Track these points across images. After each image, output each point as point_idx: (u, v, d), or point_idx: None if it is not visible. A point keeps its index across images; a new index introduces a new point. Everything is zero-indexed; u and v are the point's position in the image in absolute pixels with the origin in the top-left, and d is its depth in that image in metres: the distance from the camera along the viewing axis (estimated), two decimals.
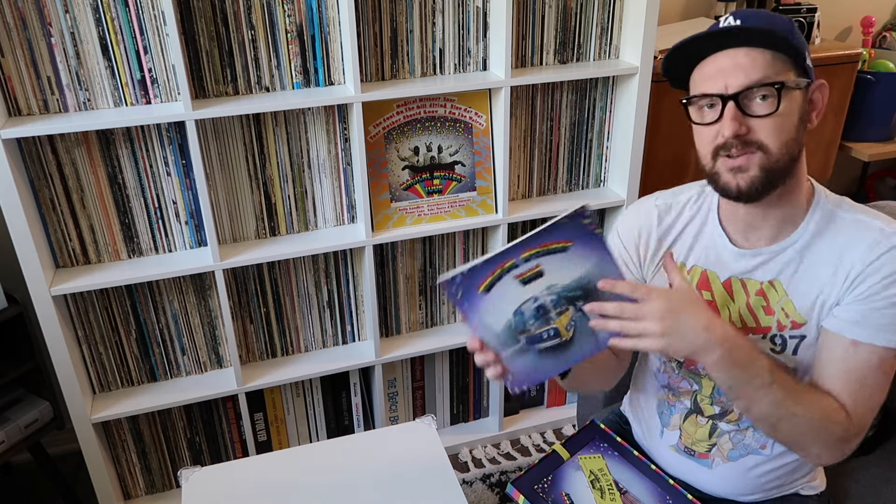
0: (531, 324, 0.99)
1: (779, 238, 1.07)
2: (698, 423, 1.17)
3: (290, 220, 1.78)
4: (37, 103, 1.51)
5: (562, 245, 0.96)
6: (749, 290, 1.09)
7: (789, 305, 1.06)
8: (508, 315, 0.98)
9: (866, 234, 1.01)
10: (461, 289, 0.96)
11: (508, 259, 0.95)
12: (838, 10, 2.54)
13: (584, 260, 0.96)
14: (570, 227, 0.94)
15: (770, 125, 0.97)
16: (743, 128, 0.97)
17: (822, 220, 1.05)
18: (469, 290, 0.97)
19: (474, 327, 0.98)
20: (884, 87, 2.36)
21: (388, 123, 1.74)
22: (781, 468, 1.14)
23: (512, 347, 0.99)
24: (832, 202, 1.07)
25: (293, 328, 1.90)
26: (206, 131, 1.62)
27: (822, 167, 2.38)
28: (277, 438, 2.01)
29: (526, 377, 1.00)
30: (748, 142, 0.98)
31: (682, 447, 1.19)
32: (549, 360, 1.00)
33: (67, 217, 1.61)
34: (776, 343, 1.08)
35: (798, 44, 0.96)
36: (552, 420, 2.21)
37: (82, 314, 1.70)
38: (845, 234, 1.03)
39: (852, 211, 1.05)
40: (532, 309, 0.98)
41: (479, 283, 0.96)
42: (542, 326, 0.99)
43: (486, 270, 0.96)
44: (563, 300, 0.97)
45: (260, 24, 1.57)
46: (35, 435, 1.71)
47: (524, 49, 1.79)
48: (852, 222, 1.03)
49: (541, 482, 1.17)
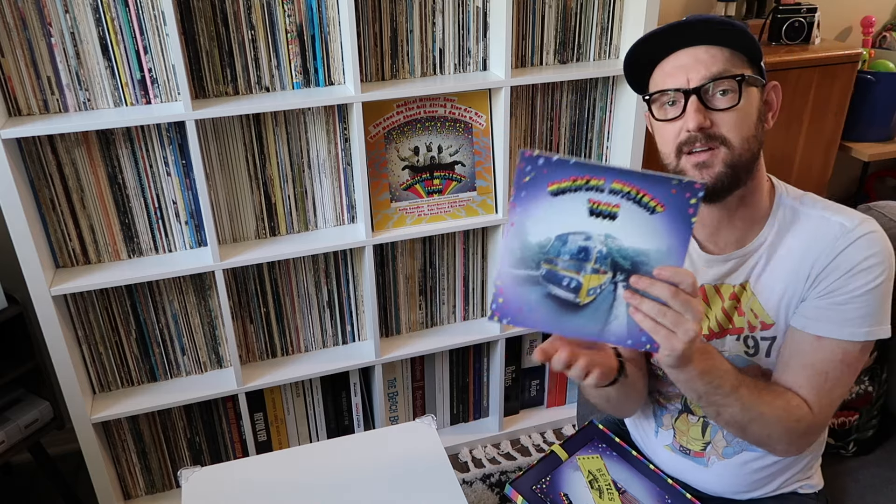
0: (563, 260, 0.86)
1: (746, 240, 1.07)
2: (689, 421, 1.17)
3: (290, 220, 1.78)
4: (37, 103, 1.51)
5: (653, 205, 0.83)
6: (723, 294, 1.10)
7: (756, 305, 1.07)
8: (552, 234, 0.85)
9: (828, 230, 1.02)
10: (535, 173, 0.83)
11: (599, 177, 0.83)
12: (838, 10, 2.54)
13: (661, 237, 0.83)
14: (674, 196, 0.82)
15: (732, 119, 0.98)
16: (707, 121, 0.97)
17: (786, 217, 1.06)
18: (539, 181, 0.84)
19: (511, 223, 0.86)
20: (884, 87, 2.36)
21: (388, 123, 1.74)
22: (776, 464, 1.14)
23: (526, 270, 0.87)
24: (794, 198, 1.07)
25: (293, 328, 1.90)
26: (206, 131, 1.62)
27: (822, 167, 2.38)
28: (277, 438, 2.01)
29: (516, 310, 0.88)
30: (711, 136, 0.98)
31: (677, 446, 1.20)
32: (548, 312, 0.88)
33: (67, 217, 1.61)
34: (749, 345, 1.09)
35: (754, 41, 0.99)
36: (552, 420, 2.21)
37: (82, 314, 1.70)
38: (807, 232, 1.04)
39: (815, 206, 1.06)
40: (576, 245, 0.86)
41: (554, 180, 0.84)
42: (570, 271, 0.86)
43: (570, 173, 0.83)
44: (610, 260, 0.85)
45: (260, 24, 1.57)
46: (35, 435, 1.71)
47: (524, 49, 1.79)
48: (815, 218, 1.04)
49: (539, 483, 1.17)
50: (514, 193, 0.85)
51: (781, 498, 1.17)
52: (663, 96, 1.01)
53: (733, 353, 1.11)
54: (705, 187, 0.80)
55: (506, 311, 0.88)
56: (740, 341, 1.10)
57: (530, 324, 0.89)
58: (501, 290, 0.88)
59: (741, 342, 1.09)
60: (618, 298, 0.85)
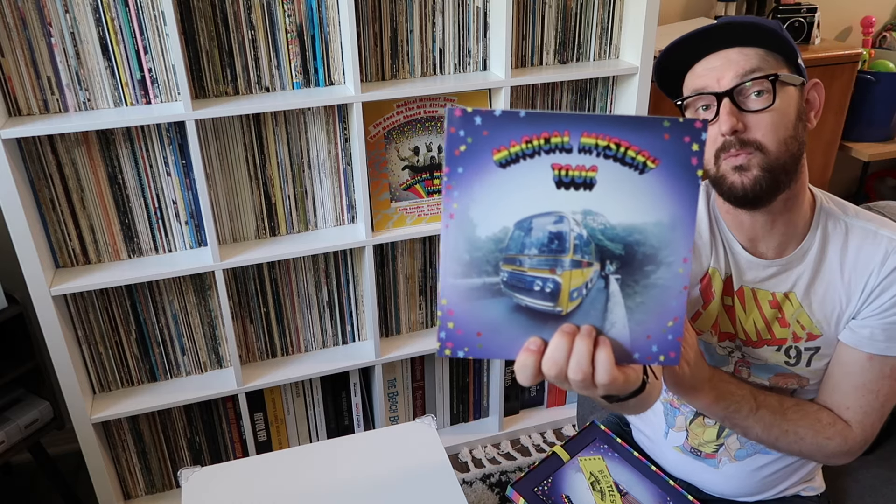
0: (530, 255, 0.62)
1: (787, 250, 1.05)
2: (706, 424, 1.16)
3: (290, 220, 1.78)
4: (37, 103, 1.51)
5: (643, 160, 0.60)
6: (760, 300, 1.08)
7: (804, 317, 1.05)
8: (508, 222, 0.61)
9: (877, 245, 1.00)
10: (473, 139, 0.60)
11: (560, 131, 0.60)
12: (838, 10, 2.54)
13: (659, 203, 0.61)
14: (669, 143, 0.60)
15: (767, 121, 0.95)
16: (740, 124, 0.94)
17: (829, 227, 1.04)
18: (480, 148, 0.60)
19: (449, 214, 0.61)
20: (884, 87, 2.36)
21: (388, 123, 1.74)
22: (786, 468, 1.14)
23: (480, 277, 0.62)
24: (836, 207, 1.06)
25: (293, 328, 1.90)
26: (206, 131, 1.62)
27: (822, 167, 2.38)
28: (277, 438, 2.01)
29: (472, 336, 0.64)
30: (745, 141, 0.95)
31: (688, 448, 1.19)
32: (518, 332, 0.64)
33: (67, 217, 1.61)
34: (790, 355, 1.07)
35: (787, 38, 0.96)
36: (552, 420, 2.20)
37: (82, 314, 1.70)
38: (855, 244, 1.02)
39: (857, 218, 1.04)
40: (545, 232, 0.62)
41: (501, 144, 0.60)
42: (542, 270, 0.62)
43: (522, 131, 0.60)
44: (593, 246, 0.62)
45: (260, 24, 1.57)
46: (35, 435, 1.71)
47: (524, 49, 1.79)
48: (860, 231, 1.02)
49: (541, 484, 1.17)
50: (448, 171, 0.60)
51: (784, 501, 1.17)
52: (697, 101, 0.99)
53: (771, 362, 1.08)
54: (707, 125, 0.61)
55: (459, 339, 0.64)
56: (781, 352, 1.08)
57: (495, 352, 0.64)
58: (450, 311, 0.63)
59: (782, 352, 1.08)
60: (612, 297, 0.63)
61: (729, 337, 1.11)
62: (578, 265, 0.62)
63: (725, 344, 1.12)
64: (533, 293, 0.63)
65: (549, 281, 0.63)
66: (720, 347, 1.12)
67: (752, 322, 1.08)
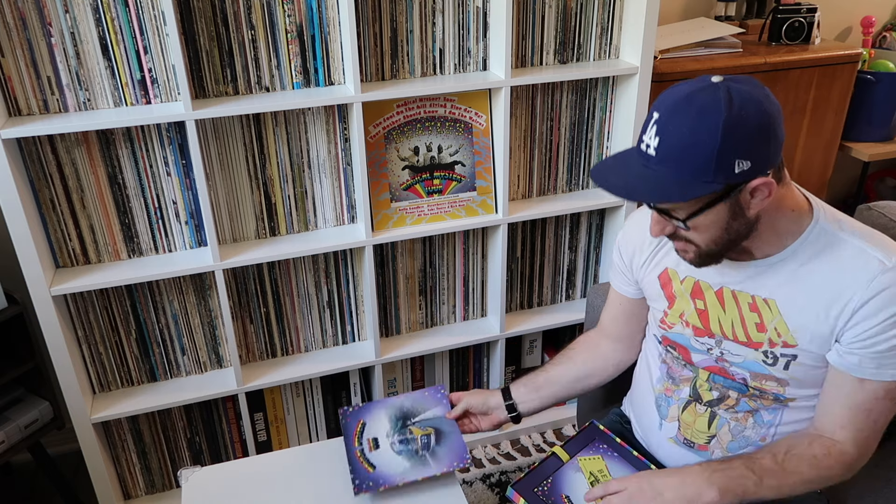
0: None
1: (769, 251, 1.07)
2: (697, 411, 1.18)
3: (290, 220, 1.78)
4: (37, 103, 1.51)
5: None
6: (740, 301, 1.10)
7: (782, 325, 1.07)
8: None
9: (865, 265, 1.00)
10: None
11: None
12: (838, 10, 2.54)
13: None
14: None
15: (693, 233, 1.02)
16: (667, 228, 1.02)
17: (821, 241, 1.04)
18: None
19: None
20: (884, 87, 2.35)
21: (388, 123, 1.74)
22: None
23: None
24: (832, 222, 1.06)
25: (293, 328, 1.90)
26: (206, 131, 1.62)
27: (822, 167, 2.38)
28: (277, 438, 2.01)
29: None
30: (678, 237, 1.03)
31: (681, 439, 1.20)
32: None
33: (67, 217, 1.61)
34: (768, 357, 1.09)
35: (718, 165, 0.93)
36: (552, 420, 2.21)
37: (82, 314, 1.70)
38: (844, 261, 1.02)
39: (853, 234, 1.04)
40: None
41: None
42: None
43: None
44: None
45: (260, 24, 1.57)
46: (35, 435, 1.71)
47: (524, 49, 1.79)
48: (852, 248, 1.02)
49: (541, 485, 1.17)
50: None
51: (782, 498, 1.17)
52: None
53: (749, 359, 1.11)
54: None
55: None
56: (759, 353, 1.10)
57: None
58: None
59: (760, 353, 1.10)
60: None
61: (707, 334, 1.14)
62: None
63: (704, 340, 1.15)
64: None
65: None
66: (698, 342, 1.16)
67: (731, 322, 1.11)
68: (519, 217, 1.87)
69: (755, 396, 1.13)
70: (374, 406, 1.32)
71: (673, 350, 1.21)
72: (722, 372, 1.15)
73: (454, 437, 1.25)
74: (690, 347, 1.17)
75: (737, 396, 1.14)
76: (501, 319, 2.00)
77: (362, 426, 1.27)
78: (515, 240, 1.99)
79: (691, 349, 1.17)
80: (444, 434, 1.26)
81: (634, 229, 1.24)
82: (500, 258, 1.91)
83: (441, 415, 1.30)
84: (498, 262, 1.92)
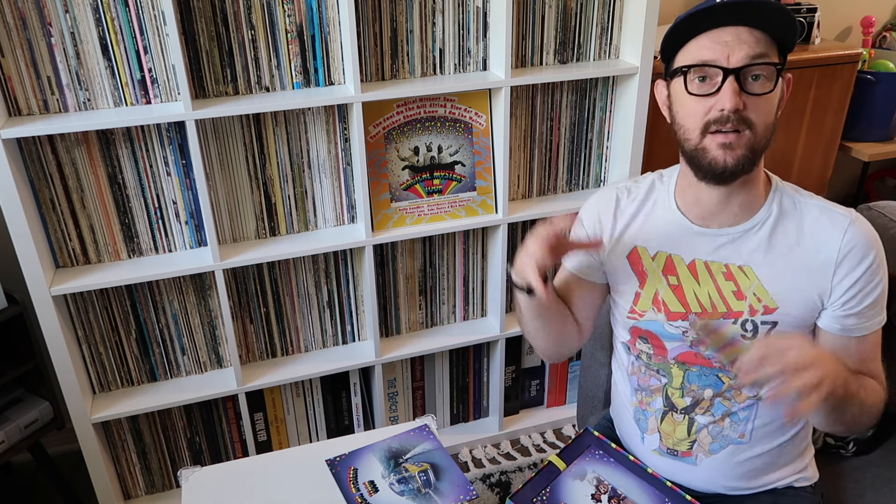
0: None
1: (742, 220, 1.08)
2: (675, 420, 1.17)
3: (290, 220, 1.78)
4: (37, 103, 1.51)
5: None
6: (713, 271, 1.10)
7: (761, 290, 1.07)
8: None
9: (833, 222, 1.05)
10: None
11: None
12: (838, 10, 2.54)
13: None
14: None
15: (762, 105, 0.99)
16: (742, 103, 0.98)
17: (785, 204, 1.08)
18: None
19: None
20: (884, 87, 2.36)
21: (388, 123, 1.74)
22: (765, 454, 1.15)
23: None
24: (790, 188, 1.11)
25: (293, 328, 1.90)
26: (206, 131, 1.62)
27: (822, 167, 2.38)
28: (277, 438, 2.01)
29: None
30: (742, 119, 0.99)
31: (664, 449, 1.20)
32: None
33: (67, 217, 1.61)
34: (747, 329, 1.09)
35: (795, 34, 1.01)
36: (552, 420, 2.21)
37: (82, 314, 1.70)
38: (813, 221, 1.06)
39: (810, 196, 1.09)
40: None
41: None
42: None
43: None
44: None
45: (260, 24, 1.57)
46: (35, 435, 1.71)
47: (524, 49, 1.79)
48: (816, 208, 1.07)
49: (539, 494, 1.17)
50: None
51: (778, 493, 1.18)
52: (700, 70, 1.00)
53: (728, 335, 1.11)
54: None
55: None
56: (737, 324, 1.09)
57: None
58: None
59: (738, 325, 1.09)
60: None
61: (681, 317, 1.12)
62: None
63: (678, 324, 1.13)
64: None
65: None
66: (671, 326, 1.14)
67: (707, 294, 1.11)
68: (519, 217, 1.87)
69: (728, 397, 1.12)
70: (360, 452, 1.29)
71: (644, 342, 1.17)
72: (698, 359, 1.13)
73: (452, 469, 1.23)
74: (663, 334, 1.14)
75: (710, 397, 1.13)
76: (501, 319, 2.00)
77: (354, 472, 1.24)
78: (515, 240, 1.99)
79: (664, 336, 1.14)
80: (440, 468, 1.23)
81: (602, 202, 1.20)
82: (500, 258, 1.91)
83: (431, 449, 1.27)
84: (498, 262, 1.93)
